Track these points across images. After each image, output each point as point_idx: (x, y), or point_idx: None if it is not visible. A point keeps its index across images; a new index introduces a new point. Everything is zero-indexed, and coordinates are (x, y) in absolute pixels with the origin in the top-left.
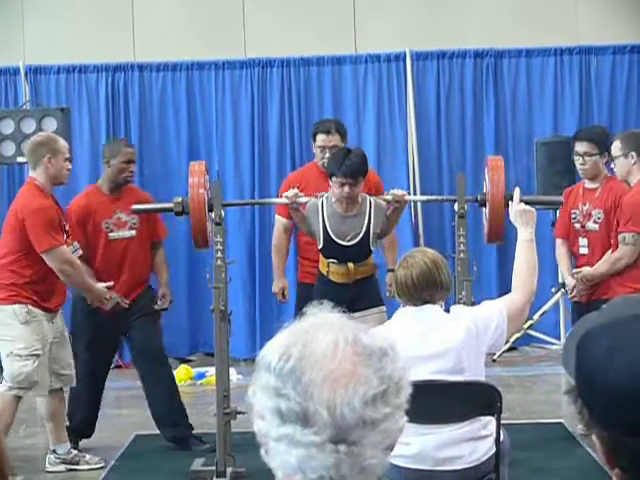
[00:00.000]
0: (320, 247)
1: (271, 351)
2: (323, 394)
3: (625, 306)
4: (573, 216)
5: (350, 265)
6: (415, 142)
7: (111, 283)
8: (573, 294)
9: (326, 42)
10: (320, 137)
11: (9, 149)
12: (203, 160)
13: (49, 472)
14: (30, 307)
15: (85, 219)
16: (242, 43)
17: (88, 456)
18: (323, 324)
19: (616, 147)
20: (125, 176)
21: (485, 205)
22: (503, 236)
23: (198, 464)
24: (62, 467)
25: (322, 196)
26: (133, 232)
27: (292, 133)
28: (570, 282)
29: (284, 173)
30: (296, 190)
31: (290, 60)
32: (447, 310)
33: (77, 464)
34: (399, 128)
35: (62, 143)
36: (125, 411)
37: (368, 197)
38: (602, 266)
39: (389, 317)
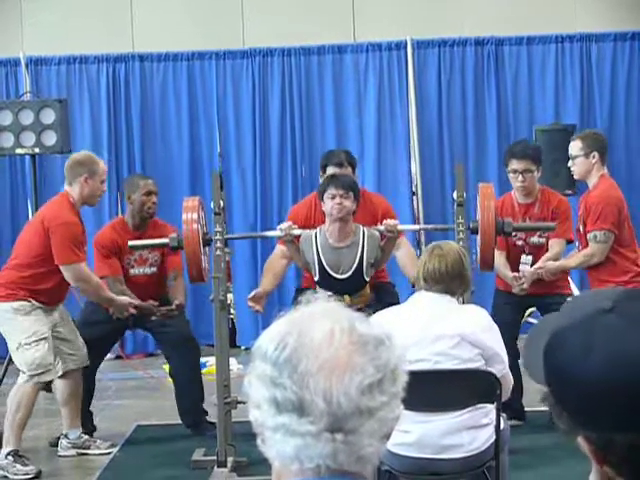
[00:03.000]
0: (316, 280)
1: (267, 340)
2: (319, 383)
3: (588, 302)
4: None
5: (346, 297)
6: (416, 131)
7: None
8: (521, 286)
9: (326, 31)
10: (332, 170)
11: (8, 140)
12: (197, 196)
13: (60, 456)
14: (29, 302)
15: (112, 251)
16: (241, 33)
17: (99, 441)
18: (319, 313)
19: (576, 147)
20: (148, 208)
21: (477, 232)
22: (493, 263)
23: (199, 454)
24: (73, 452)
25: (314, 231)
26: (154, 269)
27: (293, 122)
28: (513, 274)
29: (285, 162)
30: (290, 223)
31: (291, 49)
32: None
33: (88, 449)
34: (400, 117)
35: (101, 166)
36: (126, 402)
37: (361, 227)
38: (571, 261)
39: None
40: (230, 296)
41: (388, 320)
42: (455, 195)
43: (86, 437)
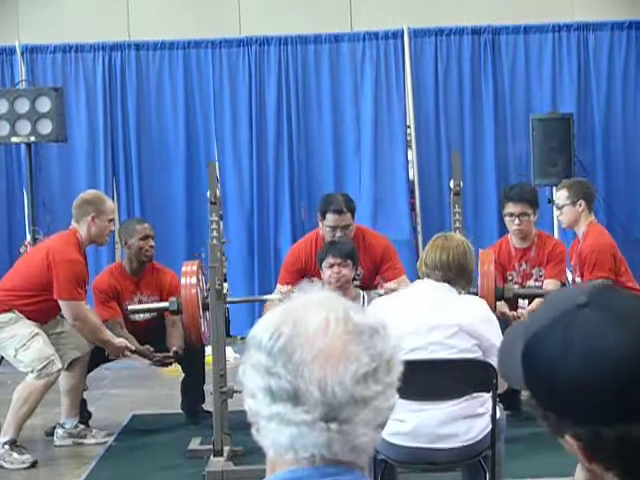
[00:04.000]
0: None
1: (262, 329)
2: (314, 372)
3: (562, 299)
4: (509, 278)
5: None
6: (413, 119)
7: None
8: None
9: (323, 20)
10: (331, 217)
11: (3, 129)
12: (197, 260)
13: (56, 446)
14: (13, 313)
15: (110, 296)
16: (238, 21)
17: (95, 430)
18: (314, 303)
19: (562, 196)
20: (146, 251)
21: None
22: None
23: (195, 443)
24: (69, 441)
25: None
26: (153, 314)
27: (289, 111)
28: (511, 313)
29: (282, 151)
30: (290, 287)
31: (287, 38)
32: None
33: (84, 438)
34: (397, 105)
35: (109, 204)
36: (123, 391)
37: (362, 293)
38: None
39: None
40: (226, 285)
41: (386, 307)
42: (452, 184)
43: (82, 426)
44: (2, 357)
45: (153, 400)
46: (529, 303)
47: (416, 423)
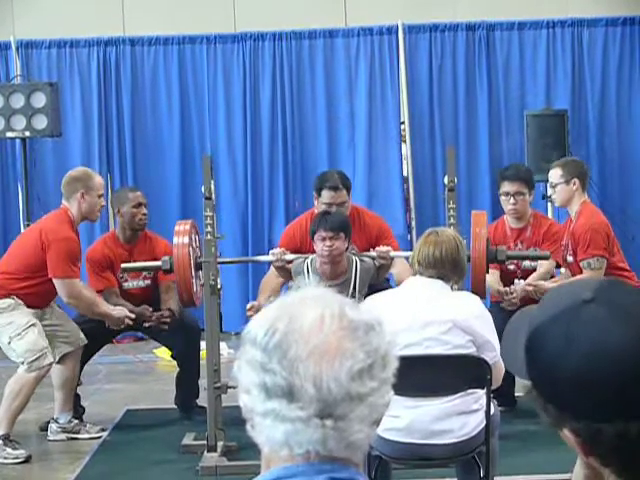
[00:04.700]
0: None
1: (257, 325)
2: (309, 369)
3: (567, 293)
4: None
5: None
6: (407, 115)
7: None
8: (510, 300)
9: (317, 15)
10: (327, 194)
11: None
12: (190, 219)
13: (50, 441)
14: (12, 299)
15: (104, 266)
16: (232, 17)
17: (89, 425)
18: (309, 299)
19: (556, 174)
20: (139, 220)
21: (469, 260)
22: (485, 290)
23: (189, 438)
24: (63, 436)
25: (306, 259)
26: (148, 282)
27: (284, 106)
28: (504, 289)
29: (276, 146)
30: (282, 249)
31: (282, 34)
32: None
33: (78, 433)
34: (391, 101)
35: (97, 180)
36: (116, 386)
37: (354, 261)
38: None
39: None
40: (219, 280)
41: (380, 304)
42: (446, 180)
43: (76, 421)
44: None
45: (147, 395)
46: (524, 280)
47: (411, 419)
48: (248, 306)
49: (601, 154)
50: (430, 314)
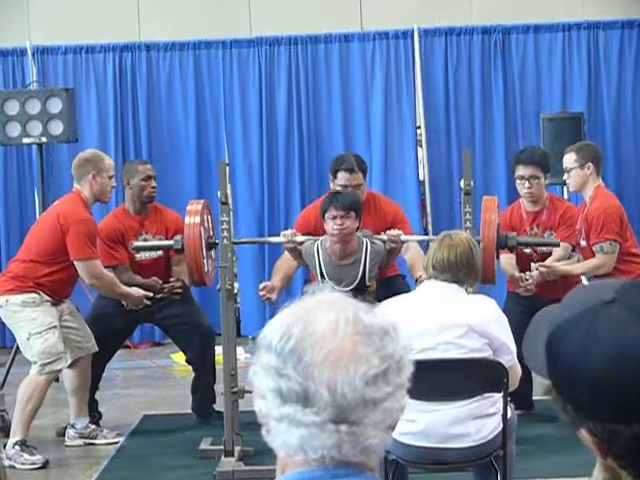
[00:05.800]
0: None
1: (272, 331)
2: (324, 374)
3: (589, 294)
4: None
5: None
6: (423, 119)
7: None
8: (526, 286)
9: (333, 20)
10: (343, 175)
11: (14, 130)
12: (203, 199)
13: (67, 446)
14: (37, 294)
15: (115, 240)
16: (248, 21)
17: (106, 430)
18: (324, 303)
19: (570, 159)
20: (148, 193)
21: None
22: (495, 277)
23: (206, 443)
24: (80, 441)
25: (316, 241)
26: (160, 253)
27: (300, 111)
28: (519, 275)
29: (292, 151)
30: (293, 230)
31: (298, 38)
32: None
33: (95, 438)
34: (407, 105)
35: (107, 161)
36: (133, 391)
37: (365, 242)
38: (578, 267)
39: None
40: (236, 285)
41: (395, 308)
42: (462, 184)
43: (93, 427)
44: (14, 357)
45: (164, 400)
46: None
47: (427, 423)
48: (261, 286)
49: (617, 157)
50: (446, 318)
